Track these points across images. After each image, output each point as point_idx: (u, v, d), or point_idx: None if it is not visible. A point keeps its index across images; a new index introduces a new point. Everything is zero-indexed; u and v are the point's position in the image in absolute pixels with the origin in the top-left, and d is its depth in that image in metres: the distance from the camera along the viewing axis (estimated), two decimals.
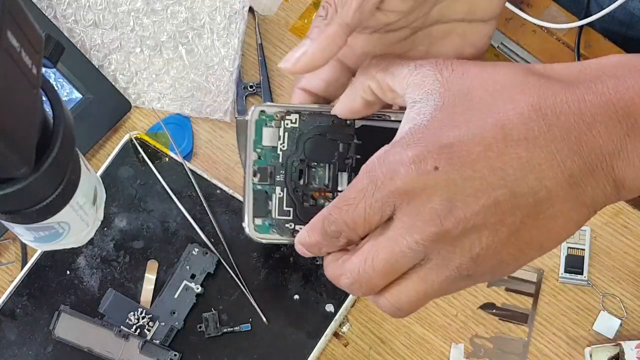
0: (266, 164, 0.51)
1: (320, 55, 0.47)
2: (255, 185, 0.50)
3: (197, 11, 0.74)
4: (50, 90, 0.42)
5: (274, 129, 0.51)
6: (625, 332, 0.67)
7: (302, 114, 0.52)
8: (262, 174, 0.50)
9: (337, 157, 0.52)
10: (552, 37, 0.72)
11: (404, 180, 0.43)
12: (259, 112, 0.51)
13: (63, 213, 0.47)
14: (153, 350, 0.66)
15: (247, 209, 0.50)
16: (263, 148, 0.51)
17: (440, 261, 0.44)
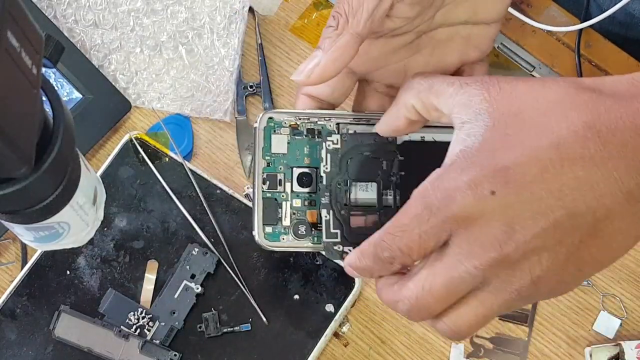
0: (275, 172, 0.50)
1: (333, 66, 0.48)
2: (265, 193, 0.50)
3: (197, 11, 0.74)
4: (50, 90, 0.42)
5: (282, 135, 0.51)
6: (625, 332, 0.67)
7: (343, 136, 0.52)
8: (271, 181, 0.50)
9: (381, 175, 0.52)
10: (552, 37, 0.72)
11: (460, 206, 0.42)
12: (267, 119, 0.51)
13: (63, 213, 0.47)
14: (153, 350, 0.66)
15: (257, 217, 0.50)
16: (272, 155, 0.51)
17: (500, 285, 0.43)
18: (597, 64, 0.71)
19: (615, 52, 0.71)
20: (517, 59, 0.72)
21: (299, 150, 0.51)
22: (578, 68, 0.69)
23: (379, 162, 0.53)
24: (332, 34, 0.47)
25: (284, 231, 0.50)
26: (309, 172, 0.51)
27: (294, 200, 0.50)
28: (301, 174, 0.51)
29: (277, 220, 0.50)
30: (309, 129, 0.51)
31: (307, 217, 0.51)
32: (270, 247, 0.50)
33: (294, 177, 0.51)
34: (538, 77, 0.44)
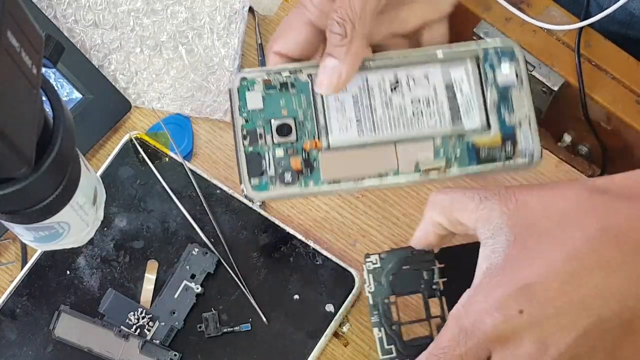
0: (254, 127, 0.51)
1: (352, 71, 0.49)
2: (246, 148, 0.51)
3: (197, 11, 0.74)
4: (50, 90, 0.42)
5: (257, 92, 0.52)
6: None
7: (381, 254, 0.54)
8: (251, 136, 0.51)
9: (424, 285, 0.54)
10: (552, 37, 0.72)
11: (491, 328, 0.44)
12: (240, 79, 0.52)
13: (63, 213, 0.47)
14: (153, 350, 0.66)
15: (242, 171, 0.51)
16: (249, 112, 0.52)
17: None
18: (597, 63, 0.71)
19: (615, 52, 0.71)
20: None
21: (274, 104, 0.52)
22: (578, 68, 0.69)
23: (420, 273, 0.55)
24: (343, 42, 0.49)
25: (271, 181, 0.51)
26: (288, 122, 0.52)
27: (276, 150, 0.51)
28: (280, 125, 0.52)
29: (262, 171, 0.51)
30: (282, 83, 0.52)
31: (291, 165, 0.51)
32: (260, 198, 0.51)
33: (273, 129, 0.51)
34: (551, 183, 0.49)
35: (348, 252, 0.70)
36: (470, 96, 0.52)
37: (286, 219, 0.70)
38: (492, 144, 0.51)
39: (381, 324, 0.55)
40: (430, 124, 0.52)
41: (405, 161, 0.51)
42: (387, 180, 0.51)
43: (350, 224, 0.70)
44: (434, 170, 0.51)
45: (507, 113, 0.52)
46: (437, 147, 0.52)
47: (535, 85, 0.72)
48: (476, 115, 0.52)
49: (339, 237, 0.70)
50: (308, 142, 0.52)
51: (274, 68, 0.52)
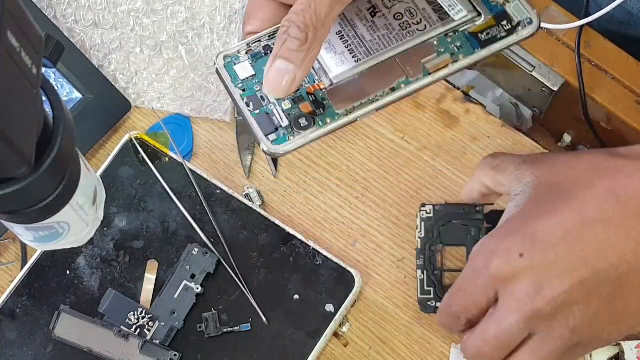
0: (254, 92, 0.52)
1: (306, 74, 0.50)
2: (253, 112, 0.51)
3: (197, 11, 0.74)
4: (50, 90, 0.42)
5: (243, 62, 0.53)
6: None
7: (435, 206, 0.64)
8: (253, 101, 0.52)
9: (470, 240, 0.62)
10: (552, 37, 0.72)
11: (496, 268, 0.49)
12: (222, 58, 0.53)
13: (63, 213, 0.47)
14: (153, 350, 0.66)
15: (257, 134, 0.51)
16: (243, 82, 0.52)
17: (543, 335, 0.49)
18: (597, 63, 0.71)
19: (615, 52, 0.71)
20: (517, 58, 0.72)
21: (264, 66, 0.51)
22: (578, 68, 0.69)
23: (468, 229, 0.63)
24: (302, 48, 0.48)
25: (288, 131, 0.51)
26: None
27: (282, 103, 0.51)
28: None
29: (276, 127, 0.51)
30: (264, 46, 0.53)
31: (302, 110, 0.51)
32: (283, 150, 0.51)
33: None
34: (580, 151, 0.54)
35: (348, 252, 0.70)
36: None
37: (286, 219, 0.70)
38: (488, 27, 0.52)
39: (424, 267, 0.62)
40: (421, 29, 0.52)
41: (412, 68, 0.52)
42: (400, 91, 0.51)
43: (350, 224, 0.70)
44: (442, 67, 0.52)
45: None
46: (436, 46, 0.52)
47: (536, 85, 0.72)
48: (461, 7, 0.52)
49: (339, 237, 0.70)
50: (310, 87, 0.52)
51: (252, 39, 0.53)
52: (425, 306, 0.64)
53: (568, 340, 0.49)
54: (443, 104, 0.72)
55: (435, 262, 0.63)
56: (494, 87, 0.82)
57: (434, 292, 0.62)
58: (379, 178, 0.71)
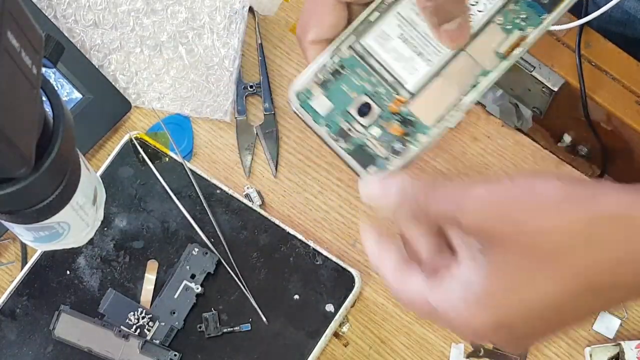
0: (338, 125, 0.50)
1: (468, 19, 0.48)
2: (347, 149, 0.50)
3: (197, 11, 0.74)
4: (50, 90, 0.42)
5: (318, 96, 0.51)
6: (625, 332, 0.67)
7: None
8: (342, 135, 0.50)
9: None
10: (552, 37, 0.72)
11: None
12: (295, 95, 0.50)
13: (63, 213, 0.47)
14: (153, 350, 0.66)
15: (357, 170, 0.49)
16: (325, 117, 0.50)
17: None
18: (597, 64, 0.71)
19: (615, 53, 0.71)
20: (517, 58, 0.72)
21: (340, 93, 0.50)
22: (578, 68, 0.69)
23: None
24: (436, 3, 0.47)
25: (387, 160, 0.49)
26: (362, 99, 0.50)
27: (371, 131, 0.50)
28: (358, 107, 0.50)
29: (373, 157, 0.50)
30: (332, 72, 0.51)
31: (392, 134, 0.50)
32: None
33: (354, 115, 0.50)
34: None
35: (348, 252, 0.70)
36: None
37: (286, 219, 0.70)
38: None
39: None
40: (480, 9, 0.50)
41: (485, 57, 0.50)
42: (482, 85, 0.50)
43: (350, 224, 0.70)
44: (515, 46, 0.49)
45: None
46: (502, 25, 0.50)
47: (536, 85, 0.72)
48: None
49: (339, 237, 0.70)
50: (392, 104, 0.50)
51: (314, 65, 0.51)
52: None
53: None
54: None
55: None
56: (494, 87, 0.82)
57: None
58: None
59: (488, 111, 0.72)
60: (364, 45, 0.51)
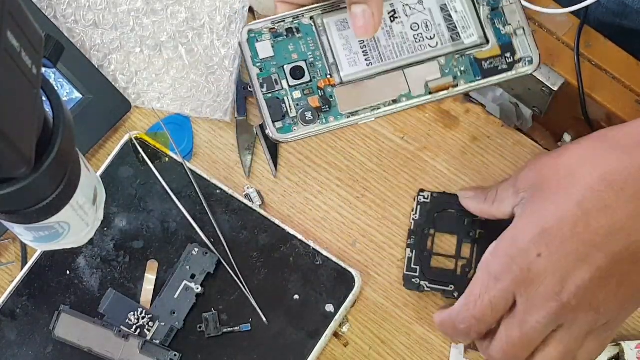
0: (269, 74, 0.54)
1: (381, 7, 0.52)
2: (265, 95, 0.54)
3: (197, 11, 0.74)
4: (50, 90, 0.42)
5: (265, 41, 0.54)
6: (625, 332, 0.67)
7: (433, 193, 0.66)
8: (267, 83, 0.54)
9: (462, 229, 0.64)
10: (552, 36, 0.72)
11: (517, 271, 0.51)
12: (247, 32, 0.54)
13: (63, 213, 0.47)
14: (153, 350, 0.66)
15: (266, 117, 0.54)
16: (261, 61, 0.54)
17: (570, 323, 0.51)
18: (597, 63, 0.71)
19: (615, 52, 0.71)
20: None
21: (284, 50, 0.54)
22: (578, 68, 0.69)
23: (462, 219, 0.65)
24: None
25: (294, 122, 0.53)
26: (300, 65, 0.54)
27: (293, 93, 0.54)
28: (293, 68, 0.54)
29: (284, 114, 0.53)
30: (287, 29, 0.55)
31: (310, 104, 0.54)
32: (286, 139, 0.54)
33: (287, 74, 0.54)
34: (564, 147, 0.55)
35: (348, 252, 0.70)
36: (464, 13, 0.55)
37: (286, 219, 0.70)
38: (493, 56, 0.54)
39: (414, 247, 0.64)
40: (432, 45, 0.55)
41: (415, 84, 0.54)
42: (400, 104, 0.54)
43: (350, 224, 0.70)
44: (443, 89, 0.54)
45: (502, 25, 0.55)
46: (442, 66, 0.54)
47: (536, 85, 0.72)
48: (473, 30, 0.55)
49: (339, 237, 0.70)
50: (322, 81, 0.54)
51: (277, 17, 0.55)
52: (409, 282, 0.65)
53: (594, 322, 0.51)
54: (443, 104, 0.72)
55: (426, 244, 0.65)
56: (493, 87, 0.82)
57: (419, 271, 0.64)
58: (378, 178, 0.71)
59: (488, 111, 0.72)
60: (325, 22, 0.55)
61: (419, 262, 0.64)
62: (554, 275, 0.50)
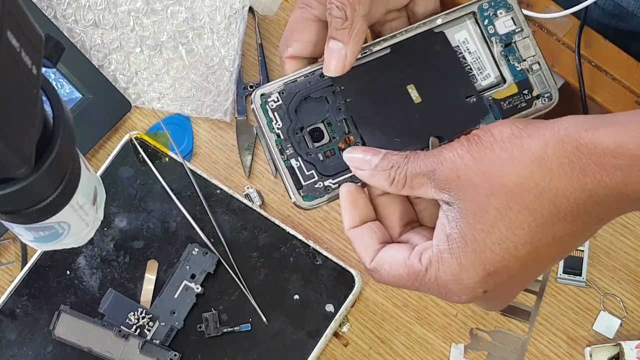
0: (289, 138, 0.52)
1: (356, 52, 0.51)
2: (286, 162, 0.52)
3: (197, 11, 0.74)
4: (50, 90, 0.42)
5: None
6: (625, 332, 0.67)
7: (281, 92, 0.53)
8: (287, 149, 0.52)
9: (330, 110, 0.53)
10: (552, 37, 0.72)
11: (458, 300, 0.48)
12: (259, 96, 0.52)
13: (63, 213, 0.47)
14: (153, 350, 0.66)
15: (289, 186, 0.52)
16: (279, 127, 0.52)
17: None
18: (597, 64, 0.71)
19: (615, 53, 0.71)
20: None
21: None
22: (578, 68, 0.69)
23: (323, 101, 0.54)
24: (344, 25, 0.50)
25: (318, 190, 0.52)
26: (317, 126, 0.52)
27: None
28: (311, 130, 0.52)
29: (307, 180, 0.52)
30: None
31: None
32: (312, 206, 0.52)
33: (306, 137, 0.52)
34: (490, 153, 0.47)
35: (348, 252, 0.70)
36: (478, 54, 0.53)
37: (286, 219, 0.70)
38: (511, 95, 0.53)
39: (297, 154, 0.53)
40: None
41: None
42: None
43: None
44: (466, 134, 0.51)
45: (517, 61, 0.53)
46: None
47: None
48: (489, 71, 0.53)
49: (339, 237, 0.70)
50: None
51: (288, 77, 0.53)
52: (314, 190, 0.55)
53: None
54: None
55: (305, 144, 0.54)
56: None
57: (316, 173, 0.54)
58: None
59: None
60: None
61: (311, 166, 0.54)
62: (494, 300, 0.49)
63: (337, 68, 0.51)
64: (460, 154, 0.46)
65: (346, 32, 0.50)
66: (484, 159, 0.46)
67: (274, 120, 0.52)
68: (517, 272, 0.47)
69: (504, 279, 0.47)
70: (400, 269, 0.48)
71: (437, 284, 0.47)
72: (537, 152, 0.45)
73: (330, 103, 0.52)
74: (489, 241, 0.46)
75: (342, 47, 0.51)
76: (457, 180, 0.46)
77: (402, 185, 0.48)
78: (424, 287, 0.48)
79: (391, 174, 0.49)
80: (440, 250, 0.47)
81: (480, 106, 0.52)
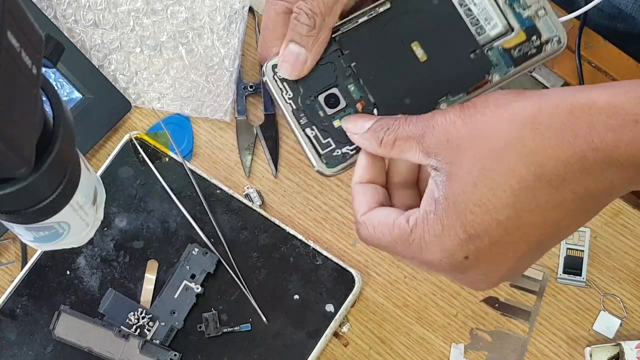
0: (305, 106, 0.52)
1: (316, 59, 0.51)
2: (303, 131, 0.52)
3: (197, 11, 0.74)
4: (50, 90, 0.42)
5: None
6: (625, 332, 0.67)
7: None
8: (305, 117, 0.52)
9: (338, 75, 0.53)
10: None
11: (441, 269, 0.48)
12: (271, 67, 0.52)
13: (63, 213, 0.47)
14: (153, 350, 0.66)
15: (310, 152, 0.51)
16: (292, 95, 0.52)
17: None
18: (597, 65, 0.71)
19: (615, 54, 0.71)
20: None
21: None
22: (578, 69, 0.69)
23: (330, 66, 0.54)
24: (311, 33, 0.50)
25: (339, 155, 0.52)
26: (332, 92, 0.52)
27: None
28: (327, 96, 0.52)
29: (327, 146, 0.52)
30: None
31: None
32: (335, 172, 0.52)
33: (322, 103, 0.52)
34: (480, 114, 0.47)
35: (348, 252, 0.70)
36: (483, 4, 0.53)
37: (286, 219, 0.70)
38: (520, 42, 0.52)
39: (312, 123, 0.53)
40: None
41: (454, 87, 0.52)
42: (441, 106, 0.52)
43: (350, 224, 0.70)
44: (479, 87, 0.52)
45: (522, 9, 0.53)
46: None
47: (535, 86, 0.72)
48: (496, 20, 0.53)
49: (339, 237, 0.70)
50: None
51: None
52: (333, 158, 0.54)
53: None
54: None
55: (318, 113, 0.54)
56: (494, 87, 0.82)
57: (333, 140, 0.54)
58: None
59: None
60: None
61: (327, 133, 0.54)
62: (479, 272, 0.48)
63: (294, 72, 0.51)
64: (452, 119, 0.46)
65: (311, 40, 0.50)
66: (475, 123, 0.46)
67: (284, 90, 0.52)
68: (500, 240, 0.46)
69: (486, 245, 0.46)
70: (387, 227, 0.48)
71: (420, 247, 0.47)
72: (529, 115, 0.45)
73: (338, 68, 0.52)
74: (470, 202, 0.46)
75: (304, 52, 0.50)
76: (445, 145, 0.46)
77: (391, 147, 0.49)
78: (407, 250, 0.47)
79: (380, 134, 0.49)
80: (427, 212, 0.47)
81: (484, 60, 0.52)
